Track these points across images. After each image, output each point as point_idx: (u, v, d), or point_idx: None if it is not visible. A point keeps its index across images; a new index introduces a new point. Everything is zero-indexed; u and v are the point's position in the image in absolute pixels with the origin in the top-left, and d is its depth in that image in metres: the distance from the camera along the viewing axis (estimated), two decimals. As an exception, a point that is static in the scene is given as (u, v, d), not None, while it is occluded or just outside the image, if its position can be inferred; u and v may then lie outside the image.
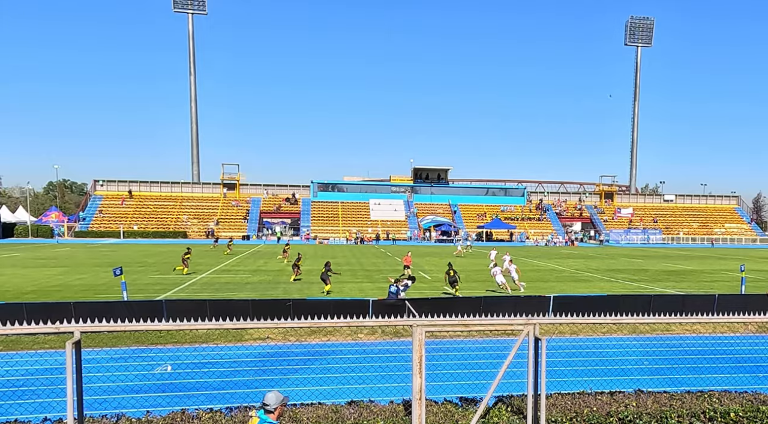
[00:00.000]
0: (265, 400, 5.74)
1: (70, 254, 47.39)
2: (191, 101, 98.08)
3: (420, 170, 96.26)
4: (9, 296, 22.93)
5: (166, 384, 11.81)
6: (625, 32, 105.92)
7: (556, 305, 19.51)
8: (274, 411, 5.71)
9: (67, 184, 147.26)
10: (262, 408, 5.73)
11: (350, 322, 7.18)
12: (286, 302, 18.71)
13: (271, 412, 5.70)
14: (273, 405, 5.71)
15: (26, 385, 11.66)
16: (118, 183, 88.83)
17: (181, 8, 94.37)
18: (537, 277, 34.10)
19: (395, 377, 11.96)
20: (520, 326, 7.05)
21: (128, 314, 16.52)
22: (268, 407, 5.70)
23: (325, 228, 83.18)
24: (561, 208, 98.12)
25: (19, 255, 46.17)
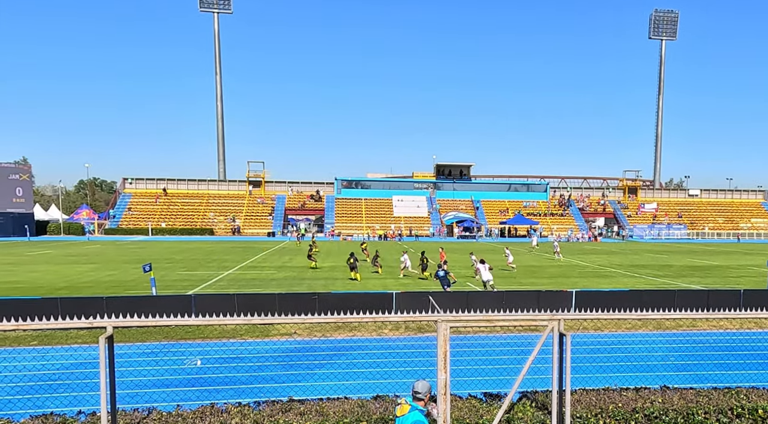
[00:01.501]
0: (415, 388, 5.85)
1: (101, 251, 48.10)
2: (217, 100, 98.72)
3: (442, 167, 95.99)
4: (43, 291, 23.35)
5: (195, 379, 11.95)
6: (649, 25, 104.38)
7: (579, 300, 19.37)
8: (423, 398, 5.80)
9: (97, 182, 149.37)
10: (412, 396, 5.83)
11: (376, 317, 7.19)
12: (311, 296, 18.83)
13: (420, 399, 5.79)
14: (423, 393, 5.81)
15: (60, 379, 11.88)
16: (147, 181, 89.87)
17: (207, 8, 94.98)
18: (559, 273, 33.86)
19: (419, 372, 11.93)
20: (545, 321, 7.00)
21: (158, 309, 16.74)
22: (418, 395, 5.79)
23: (348, 225, 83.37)
24: (584, 203, 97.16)
25: (52, 252, 46.99)
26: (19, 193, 75.12)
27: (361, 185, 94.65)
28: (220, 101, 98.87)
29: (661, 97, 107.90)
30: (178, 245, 55.82)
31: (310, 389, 10.27)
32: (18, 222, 72.72)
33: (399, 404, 5.99)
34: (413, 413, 5.78)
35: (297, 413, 6.97)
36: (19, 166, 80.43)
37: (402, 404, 5.91)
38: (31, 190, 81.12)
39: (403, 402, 5.92)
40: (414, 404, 5.80)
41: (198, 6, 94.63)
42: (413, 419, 5.72)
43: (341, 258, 41.84)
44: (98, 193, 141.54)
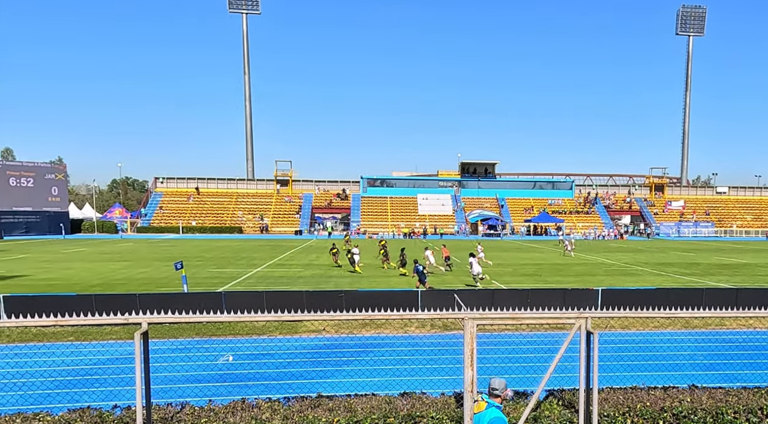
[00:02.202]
0: (492, 384, 5.86)
1: (133, 249, 48.82)
2: (245, 100, 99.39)
3: (467, 165, 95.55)
4: (78, 288, 23.78)
5: (225, 374, 12.08)
6: (676, 21, 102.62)
7: (605, 298, 19.14)
8: (500, 395, 5.81)
9: (130, 181, 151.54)
10: (488, 393, 5.84)
11: (404, 314, 7.20)
12: (338, 294, 18.90)
13: (497, 396, 5.80)
14: (500, 389, 5.83)
15: (96, 374, 12.09)
16: (177, 180, 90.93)
17: (236, 8, 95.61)
18: (585, 271, 33.52)
19: (445, 369, 11.94)
20: (572, 319, 6.94)
21: (189, 306, 16.98)
22: (496, 392, 5.81)
23: (374, 223, 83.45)
24: (610, 201, 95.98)
25: (86, 250, 47.83)
26: (54, 193, 76.56)
27: (387, 184, 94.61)
28: (248, 101, 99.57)
29: (688, 94, 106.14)
30: (207, 243, 56.38)
31: (338, 385, 10.34)
32: (54, 220, 74.15)
33: (475, 401, 5.92)
34: (491, 409, 5.72)
35: (326, 409, 7.02)
36: (54, 166, 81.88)
37: (478, 401, 5.85)
38: (66, 189, 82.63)
39: (480, 399, 5.86)
40: (491, 400, 5.76)
41: (227, 7, 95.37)
42: (492, 416, 5.67)
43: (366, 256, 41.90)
44: (130, 192, 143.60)
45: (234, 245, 53.32)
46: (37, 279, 27.58)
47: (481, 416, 5.77)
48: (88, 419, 6.54)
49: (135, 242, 59.97)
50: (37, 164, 76.20)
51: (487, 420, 5.66)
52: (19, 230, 70.86)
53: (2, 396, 10.34)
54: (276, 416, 6.79)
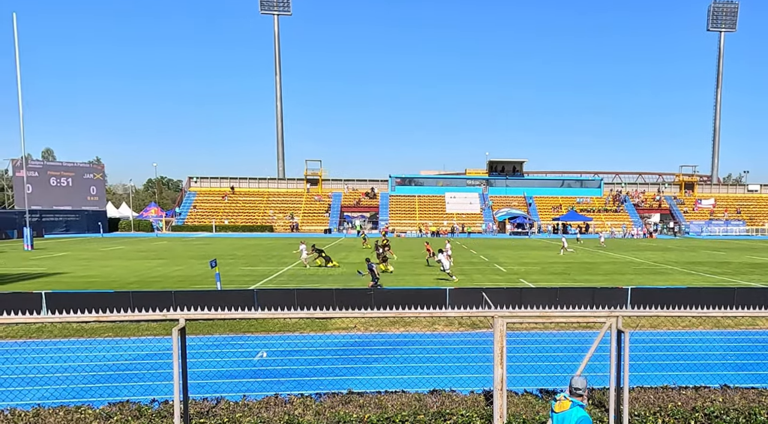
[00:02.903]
0: (574, 384, 5.81)
1: (168, 247, 49.55)
2: (276, 100, 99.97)
3: (495, 163, 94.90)
4: (115, 285, 24.23)
5: (258, 370, 12.21)
6: (707, 17, 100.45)
7: (635, 297, 18.88)
8: (583, 394, 5.79)
9: (164, 181, 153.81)
10: (570, 392, 5.81)
11: (433, 312, 7.21)
12: (367, 291, 18.97)
13: (580, 395, 5.77)
14: (583, 388, 5.79)
15: (134, 368, 12.31)
16: (211, 180, 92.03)
17: (268, 10, 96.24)
18: (613, 269, 33.07)
19: (473, 368, 11.92)
20: (602, 318, 6.88)
21: (223, 303, 17.19)
22: (578, 391, 5.77)
23: (402, 221, 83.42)
24: (639, 199, 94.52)
25: (123, 248, 48.69)
26: (93, 192, 78.14)
27: (415, 182, 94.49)
28: (279, 101, 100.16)
29: (719, 91, 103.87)
30: (240, 242, 56.94)
31: (368, 382, 10.37)
32: (92, 219, 75.69)
33: (558, 400, 5.85)
34: (576, 409, 5.65)
35: (357, 405, 7.07)
36: (93, 166, 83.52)
37: (561, 400, 5.78)
38: (104, 189, 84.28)
39: (562, 398, 5.79)
40: (575, 400, 5.70)
41: (259, 8, 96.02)
42: (579, 416, 5.57)
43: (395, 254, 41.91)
44: (165, 191, 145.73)
45: (265, 244, 53.78)
46: (76, 276, 28.17)
47: (565, 415, 5.66)
48: (128, 412, 6.68)
49: (170, 240, 60.86)
50: (76, 164, 77.82)
51: (575, 420, 5.55)
52: (60, 228, 72.45)
53: (46, 389, 10.60)
54: (308, 412, 6.85)
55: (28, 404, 7.20)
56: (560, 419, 5.71)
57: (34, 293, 17.45)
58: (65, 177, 74.73)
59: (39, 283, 25.17)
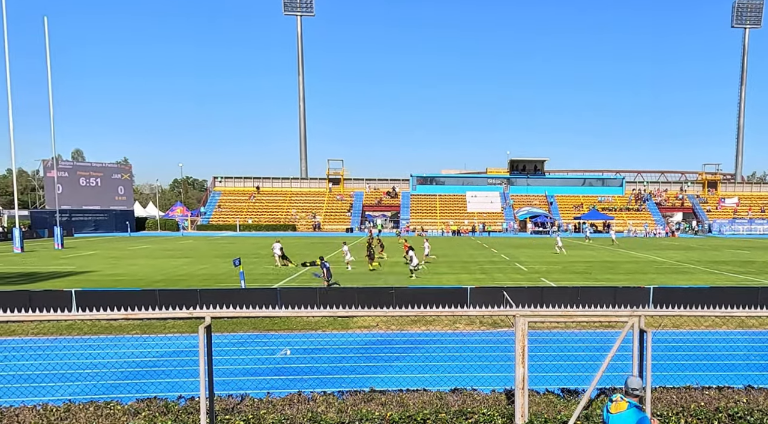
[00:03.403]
0: (630, 384, 5.75)
1: (194, 246, 50.05)
2: (299, 100, 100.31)
3: (516, 162, 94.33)
4: (142, 283, 24.54)
5: (281, 368, 12.28)
6: (732, 14, 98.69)
7: (657, 296, 18.65)
8: (640, 394, 5.74)
9: (190, 180, 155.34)
10: (625, 392, 5.74)
11: (454, 311, 7.20)
12: (389, 290, 18.97)
13: (637, 396, 5.71)
14: (640, 389, 5.74)
15: (160, 365, 12.46)
16: (235, 179, 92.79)
17: (291, 11, 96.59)
18: (635, 269, 32.69)
19: (495, 367, 11.88)
20: (625, 317, 6.80)
21: (246, 301, 17.32)
22: (635, 391, 5.71)
23: (423, 220, 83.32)
24: (661, 198, 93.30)
25: (150, 247, 49.30)
26: (121, 192, 79.22)
27: (436, 182, 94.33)
28: (302, 101, 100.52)
29: (744, 88, 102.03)
30: (263, 241, 57.27)
31: (389, 380, 10.37)
32: (120, 219, 76.76)
33: (613, 400, 5.77)
34: (633, 410, 5.56)
35: (378, 403, 7.08)
36: (120, 166, 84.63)
37: (617, 402, 5.69)
38: (131, 188, 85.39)
39: (618, 399, 5.70)
40: (631, 401, 5.62)
41: (282, 9, 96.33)
42: (638, 418, 5.50)
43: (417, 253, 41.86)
44: (191, 191, 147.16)
45: (288, 243, 53.99)
46: (104, 274, 28.59)
47: (621, 416, 5.58)
48: (155, 408, 6.76)
49: (195, 239, 61.45)
50: (104, 165, 78.94)
51: (633, 422, 5.48)
52: (89, 227, 73.60)
53: (76, 385, 10.78)
54: (331, 409, 6.88)
55: (59, 399, 7.32)
56: (617, 420, 5.61)
57: (64, 291, 17.75)
58: (94, 177, 75.86)
59: (69, 281, 25.58)
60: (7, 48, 43.25)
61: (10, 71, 43.51)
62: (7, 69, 43.43)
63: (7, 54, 43.36)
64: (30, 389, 10.15)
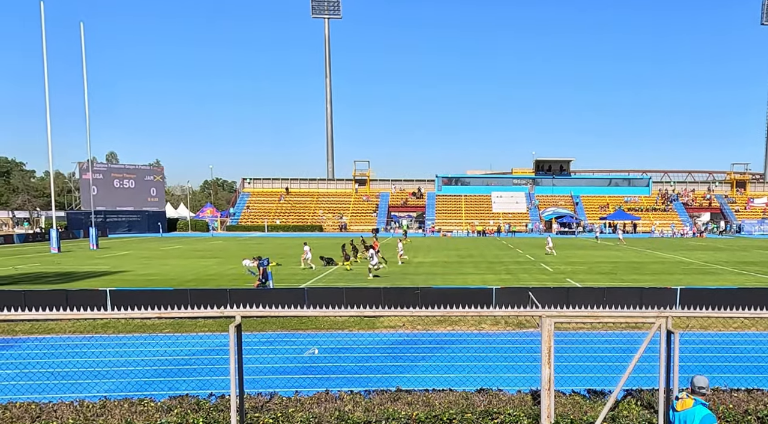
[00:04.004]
0: (697, 382, 5.72)
1: (223, 247, 50.55)
2: (326, 102, 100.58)
3: (542, 162, 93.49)
4: (174, 283, 24.88)
5: (308, 367, 12.36)
6: (762, 11, 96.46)
7: (684, 297, 18.33)
8: (707, 393, 5.71)
9: (219, 182, 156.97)
10: (692, 391, 5.70)
11: (480, 312, 7.17)
12: (414, 290, 18.97)
13: (704, 394, 5.68)
14: (706, 387, 5.70)
15: (191, 364, 12.62)
16: (263, 181, 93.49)
17: (319, 14, 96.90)
18: (662, 269, 32.17)
19: (520, 367, 11.79)
20: (652, 318, 6.71)
21: (274, 300, 17.44)
22: (702, 390, 5.67)
23: (448, 221, 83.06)
24: (688, 198, 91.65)
25: (180, 247, 49.95)
26: (153, 193, 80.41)
27: (461, 182, 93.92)
28: (329, 103, 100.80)
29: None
30: (291, 241, 57.63)
31: (415, 380, 10.38)
32: (152, 219, 77.88)
33: (679, 398, 5.74)
34: (699, 407, 5.50)
35: (405, 402, 7.08)
36: (153, 168, 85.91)
37: (683, 399, 5.64)
38: (163, 190, 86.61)
39: (684, 397, 5.65)
40: (697, 398, 5.56)
41: (310, 12, 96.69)
42: (703, 414, 5.44)
43: (442, 254, 41.82)
44: (220, 192, 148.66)
45: (315, 243, 54.27)
46: (137, 274, 29.05)
47: (688, 413, 5.52)
48: (187, 405, 6.86)
49: (224, 239, 62.07)
50: (137, 167, 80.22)
51: (699, 419, 5.41)
52: (122, 228, 74.83)
53: (111, 382, 10.98)
54: (358, 408, 6.91)
55: (95, 396, 7.47)
56: (683, 417, 5.55)
57: (99, 290, 18.09)
58: (128, 179, 77.12)
59: (104, 280, 26.06)
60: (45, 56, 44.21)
61: (48, 75, 44.45)
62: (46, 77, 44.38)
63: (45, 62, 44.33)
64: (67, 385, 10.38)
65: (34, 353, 13.28)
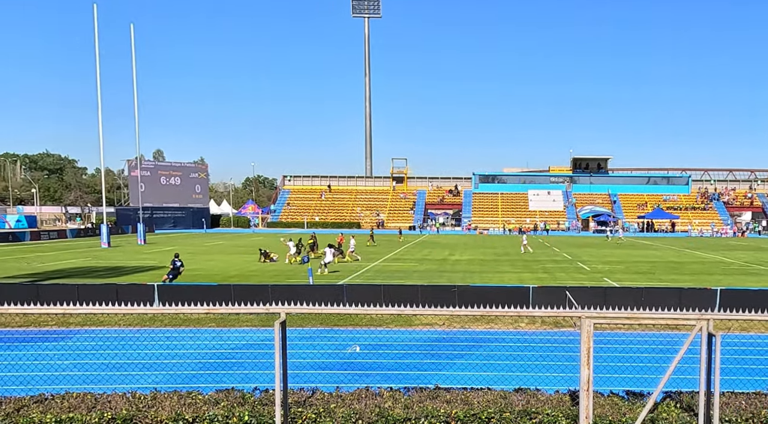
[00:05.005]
0: None
1: (264, 243, 51.01)
2: (365, 100, 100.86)
3: (579, 160, 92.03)
4: (218, 278, 25.33)
5: (347, 362, 12.46)
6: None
7: (724, 299, 17.85)
8: None
9: (261, 179, 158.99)
10: None
11: (520, 312, 7.15)
12: (451, 288, 18.91)
13: None
14: None
15: (235, 358, 12.86)
16: (303, 178, 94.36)
17: (359, 13, 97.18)
18: (701, 269, 31.38)
19: (557, 367, 11.67)
20: (693, 320, 6.58)
21: (314, 297, 17.61)
22: None
23: (485, 219, 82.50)
24: (729, 196, 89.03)
25: (223, 243, 50.79)
26: (198, 190, 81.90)
27: (498, 180, 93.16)
28: (368, 101, 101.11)
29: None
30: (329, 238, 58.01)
31: (452, 377, 10.38)
32: (197, 216, 79.33)
33: None
34: None
35: (443, 400, 7.09)
36: (198, 166, 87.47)
37: None
38: (207, 187, 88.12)
39: None
40: None
41: (351, 12, 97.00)
42: None
43: (478, 252, 41.59)
44: (261, 189, 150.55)
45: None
46: (183, 269, 29.63)
47: None
48: (233, 399, 7.00)
49: (265, 236, 62.79)
50: (183, 164, 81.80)
51: None
52: (168, 224, 76.45)
53: (160, 374, 11.28)
54: (397, 405, 6.94)
55: (145, 387, 7.69)
56: None
57: (147, 285, 18.56)
58: (174, 176, 78.74)
59: (151, 275, 26.69)
60: (98, 57, 45.42)
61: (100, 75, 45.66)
62: (98, 78, 45.60)
63: (98, 63, 45.56)
64: (120, 377, 10.71)
65: (87, 345, 13.71)
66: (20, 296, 17.03)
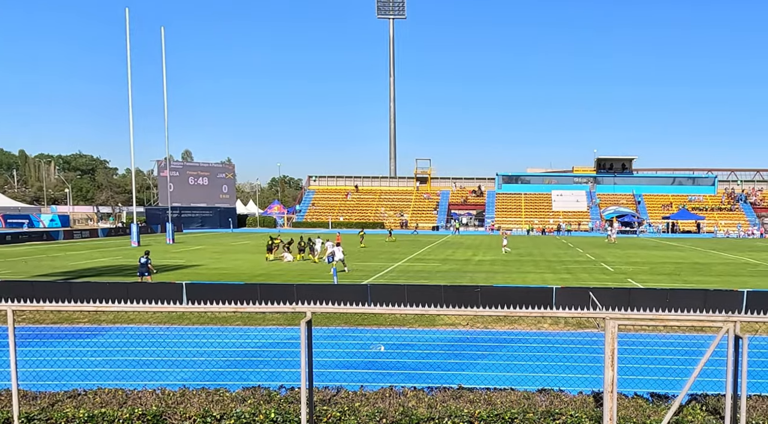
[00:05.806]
0: None
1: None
2: (390, 101, 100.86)
3: (603, 160, 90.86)
4: (244, 277, 25.57)
5: (371, 362, 12.49)
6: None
7: (751, 301, 17.50)
8: None
9: (286, 179, 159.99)
10: None
11: (544, 312, 7.07)
12: (474, 289, 18.84)
13: None
14: None
15: (261, 356, 12.95)
16: (328, 178, 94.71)
17: (384, 14, 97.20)
18: (727, 271, 30.78)
19: (581, 368, 11.55)
20: (719, 322, 6.46)
21: (338, 296, 17.67)
22: None
23: (508, 219, 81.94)
24: (757, 197, 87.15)
25: (249, 242, 51.20)
26: (225, 190, 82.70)
27: (521, 180, 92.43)
28: (392, 102, 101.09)
29: None
30: (354, 238, 58.19)
31: (475, 377, 10.33)
32: (224, 215, 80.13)
33: None
34: None
35: (467, 400, 7.07)
36: (225, 166, 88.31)
37: None
38: (234, 187, 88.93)
39: None
40: None
41: (375, 13, 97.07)
42: None
43: (501, 252, 41.30)
44: (287, 189, 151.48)
45: (377, 240, 54.68)
46: (210, 268, 29.99)
47: None
48: (259, 396, 7.06)
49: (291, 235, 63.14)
50: (211, 165, 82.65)
51: None
52: (196, 223, 77.34)
53: (188, 371, 11.42)
54: (421, 405, 6.94)
55: (174, 384, 7.80)
56: None
57: (176, 283, 18.80)
58: (202, 176, 79.61)
59: (179, 274, 27.05)
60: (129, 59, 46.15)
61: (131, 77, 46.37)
62: (129, 82, 46.34)
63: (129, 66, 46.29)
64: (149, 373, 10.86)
65: (118, 342, 13.94)
66: (54, 293, 17.42)
